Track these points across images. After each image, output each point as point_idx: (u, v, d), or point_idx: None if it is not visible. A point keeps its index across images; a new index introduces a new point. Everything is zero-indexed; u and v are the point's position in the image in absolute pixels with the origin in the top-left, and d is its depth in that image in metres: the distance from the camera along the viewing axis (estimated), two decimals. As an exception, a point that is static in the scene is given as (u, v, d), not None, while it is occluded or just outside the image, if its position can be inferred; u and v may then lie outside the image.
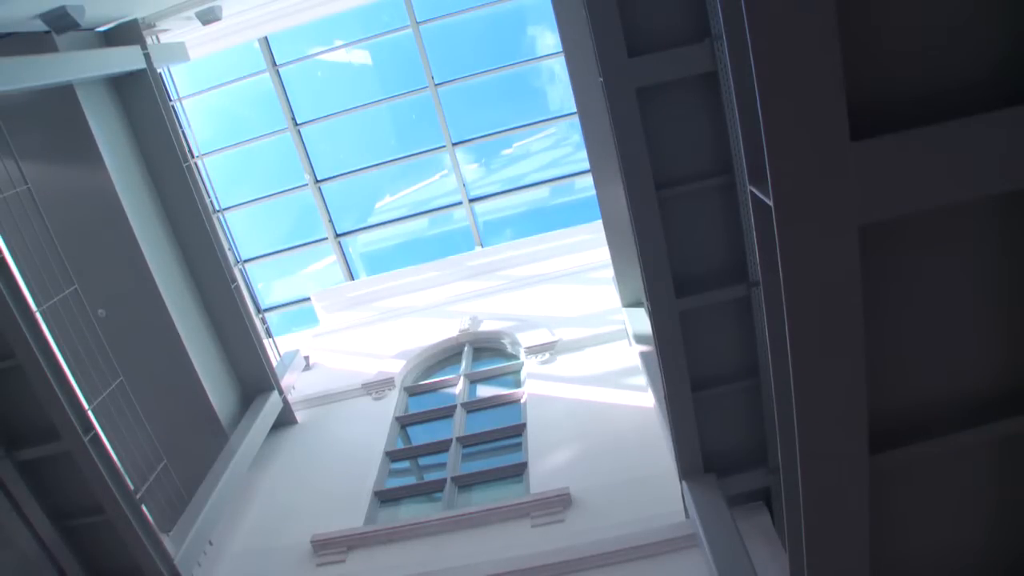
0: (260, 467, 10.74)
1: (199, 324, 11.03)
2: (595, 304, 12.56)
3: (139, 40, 10.38)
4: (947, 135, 2.90)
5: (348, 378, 12.68)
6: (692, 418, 6.86)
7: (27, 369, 7.48)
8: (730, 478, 7.06)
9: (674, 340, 6.65)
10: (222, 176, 16.22)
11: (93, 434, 7.69)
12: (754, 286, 6.35)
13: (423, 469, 10.34)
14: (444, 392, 11.99)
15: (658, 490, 7.71)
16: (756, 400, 6.84)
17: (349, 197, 16.87)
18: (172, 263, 10.74)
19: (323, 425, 11.82)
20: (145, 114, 10.48)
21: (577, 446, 9.21)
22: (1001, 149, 2.96)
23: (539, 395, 10.65)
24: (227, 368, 11.47)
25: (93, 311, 9.12)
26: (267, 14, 13.47)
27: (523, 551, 7.49)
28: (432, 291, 15.33)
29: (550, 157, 17.72)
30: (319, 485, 10.02)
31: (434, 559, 7.89)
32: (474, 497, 9.17)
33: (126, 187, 10.02)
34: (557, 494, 8.23)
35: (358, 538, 8.52)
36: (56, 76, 8.73)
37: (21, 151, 8.72)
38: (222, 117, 17.41)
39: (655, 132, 6.12)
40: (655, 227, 6.32)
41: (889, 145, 2.90)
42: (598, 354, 11.23)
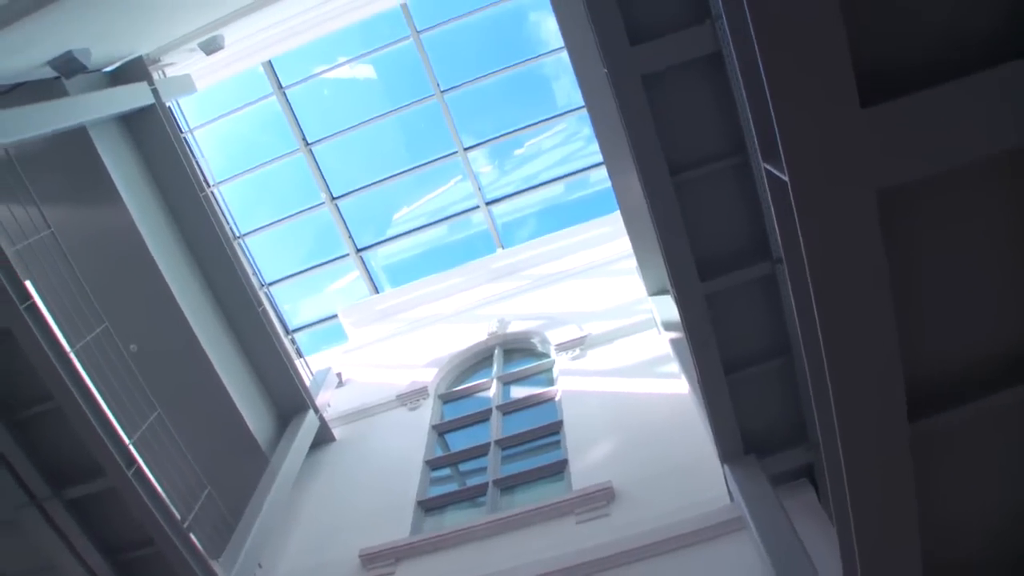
0: (303, 487, 10.80)
1: (230, 350, 11.12)
2: (621, 295, 12.52)
3: (146, 76, 10.49)
4: (956, 94, 2.87)
5: (382, 391, 12.72)
6: (728, 401, 6.82)
7: (66, 410, 7.58)
8: (771, 458, 7.00)
9: (702, 324, 6.61)
10: (239, 202, 16.35)
11: (136, 468, 7.78)
12: (778, 263, 6.30)
13: (464, 475, 10.35)
14: (478, 396, 12.00)
15: (700, 476, 7.67)
16: (791, 377, 6.79)
17: (366, 211, 16.97)
18: (198, 292, 10.84)
19: (361, 440, 11.87)
20: (158, 148, 10.59)
21: (616, 439, 9.19)
22: (1012, 103, 2.92)
23: (573, 391, 10.62)
24: (261, 391, 11.56)
25: (125, 347, 9.22)
26: (269, 38, 13.55)
27: (570, 548, 7.47)
28: (457, 297, 15.35)
29: (562, 153, 17.73)
30: (362, 499, 10.06)
31: (482, 564, 7.89)
32: (517, 498, 9.18)
33: (146, 222, 10.13)
34: (600, 489, 8.21)
35: (405, 549, 8.55)
36: (68, 120, 8.85)
37: (41, 196, 8.85)
38: (234, 144, 17.56)
39: (664, 118, 6.09)
40: (673, 213, 6.29)
41: (900, 109, 2.87)
42: (628, 345, 11.19)
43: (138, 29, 9.56)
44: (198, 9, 9.83)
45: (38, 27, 7.07)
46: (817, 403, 3.79)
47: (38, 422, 7.84)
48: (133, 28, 9.36)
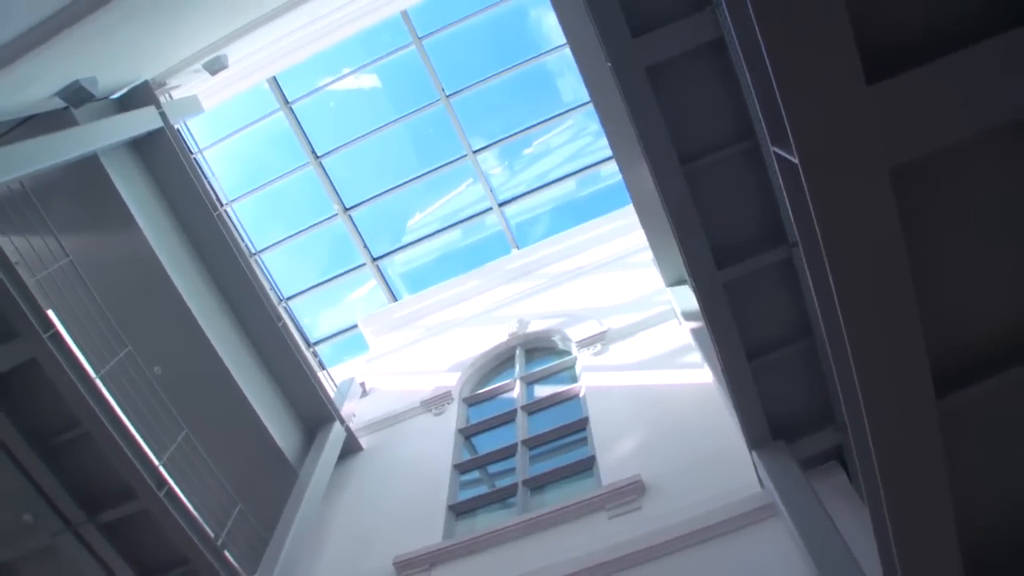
0: (333, 498, 10.85)
1: (252, 366, 11.18)
2: (639, 288, 12.49)
3: (152, 100, 10.57)
4: (961, 65, 2.84)
5: (406, 398, 12.75)
6: (752, 387, 6.79)
7: (95, 435, 7.67)
8: (800, 442, 6.97)
9: (722, 312, 6.58)
10: (253, 219, 16.44)
11: (167, 489, 7.85)
12: (794, 247, 6.27)
13: (493, 477, 10.36)
14: (502, 398, 12.00)
15: (729, 464, 7.64)
16: (814, 359, 6.75)
17: (380, 220, 17.01)
18: (217, 311, 10.90)
19: (388, 448, 11.90)
20: (169, 171, 10.67)
21: (642, 432, 9.17)
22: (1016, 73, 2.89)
23: (597, 387, 10.60)
24: (286, 405, 11.61)
25: (149, 369, 9.31)
26: (272, 54, 13.61)
27: (603, 544, 7.45)
28: (476, 300, 15.37)
29: (572, 149, 17.69)
30: (393, 507, 10.09)
31: (516, 564, 7.89)
32: (547, 498, 9.17)
33: (162, 245, 10.20)
34: (629, 483, 8.19)
35: (439, 554, 8.56)
36: (79, 149, 8.92)
37: (58, 225, 8.96)
38: (244, 161, 17.65)
39: (671, 108, 6.07)
40: (686, 203, 6.27)
41: (906, 84, 2.84)
42: (649, 338, 11.16)
43: (142, 54, 9.63)
44: (200, 30, 9.89)
45: (44, 60, 7.15)
46: (842, 384, 3.77)
47: (68, 448, 7.93)
48: (137, 53, 9.44)
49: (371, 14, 13.83)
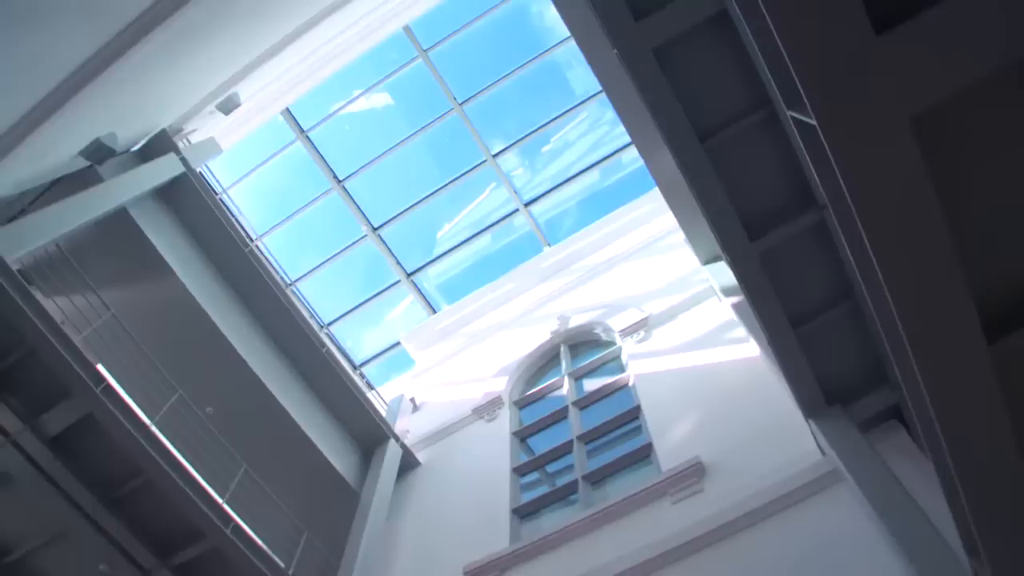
0: (397, 515, 10.90)
1: (302, 395, 11.29)
2: (675, 270, 12.41)
3: (172, 147, 10.74)
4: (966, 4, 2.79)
5: (457, 408, 12.78)
6: (800, 355, 6.70)
7: (158, 481, 7.81)
8: (856, 405, 6.86)
9: (761, 284, 6.51)
10: (284, 250, 16.61)
11: (234, 525, 7.96)
12: (824, 208, 6.18)
13: (552, 476, 10.34)
14: (552, 397, 11.98)
15: (787, 435, 7.54)
16: (860, 319, 6.63)
17: (409, 235, 17.11)
18: (261, 345, 11.03)
19: (446, 459, 11.95)
20: (197, 214, 10.83)
21: (696, 413, 9.10)
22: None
23: (645, 374, 10.55)
24: (340, 430, 11.71)
25: (201, 410, 9.45)
26: (282, 86, 13.75)
27: (670, 530, 7.40)
28: (514, 302, 15.36)
29: (590, 140, 17.65)
30: (457, 517, 10.11)
31: (585, 560, 7.85)
32: (609, 490, 9.13)
33: (199, 287, 10.35)
34: (689, 466, 8.12)
35: (508, 558, 8.57)
36: (107, 204, 9.10)
37: (97, 281, 9.14)
38: (268, 194, 17.86)
39: (684, 86, 6.01)
40: (710, 180, 6.21)
41: (915, 29, 2.78)
42: (691, 318, 11.07)
43: (156, 103, 9.79)
44: (209, 72, 10.03)
45: (64, 123, 7.30)
46: (890, 342, 3.71)
47: (134, 497, 8.08)
48: (151, 104, 9.60)
49: (374, 33, 13.91)
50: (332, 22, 11.26)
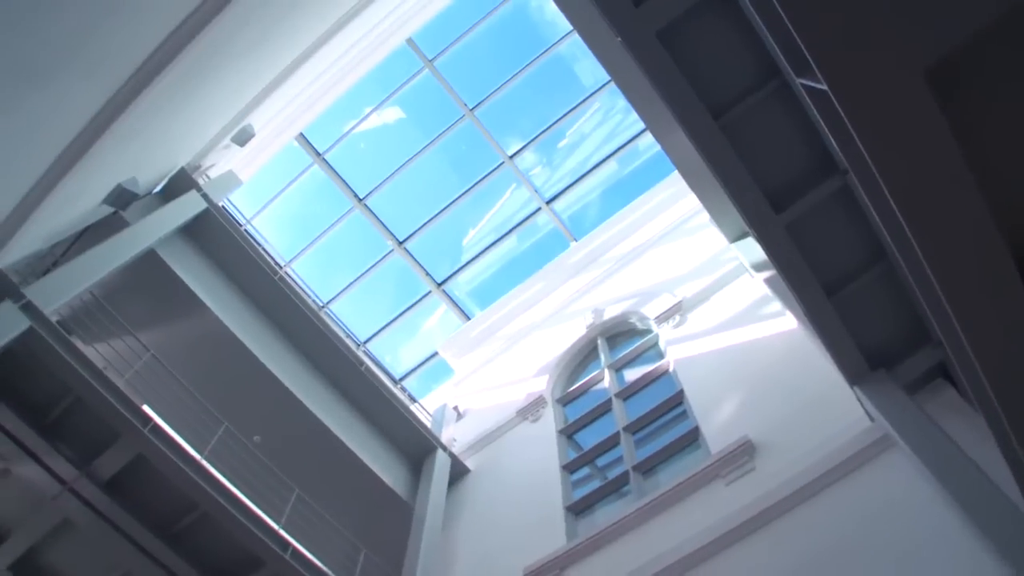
0: (452, 524, 10.93)
1: (346, 415, 11.37)
2: (704, 251, 12.32)
3: (192, 185, 10.87)
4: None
5: (501, 412, 12.79)
6: (839, 323, 6.62)
7: (213, 513, 7.91)
8: (900, 367, 6.75)
9: (791, 256, 6.44)
10: (313, 273, 16.75)
11: (292, 550, 8.04)
12: (846, 173, 6.11)
13: (603, 470, 10.31)
14: (594, 390, 11.96)
15: (834, 405, 7.45)
16: (894, 281, 6.53)
17: (435, 245, 17.13)
18: (301, 369, 11.11)
19: (494, 464, 11.96)
20: (224, 248, 10.94)
21: (740, 392, 9.03)
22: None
23: (685, 358, 10.49)
24: (387, 445, 11.77)
25: (249, 440, 9.55)
26: (294, 112, 13.86)
27: (726, 512, 7.35)
28: (547, 300, 15.34)
29: (605, 131, 17.55)
30: (512, 520, 10.12)
31: (644, 550, 7.81)
32: (661, 478, 9.09)
33: (234, 319, 10.46)
34: (739, 445, 8.05)
35: (566, 556, 8.55)
36: (136, 248, 9.23)
37: (134, 324, 9.28)
38: (292, 220, 18.00)
39: (691, 66, 5.97)
40: (728, 157, 6.16)
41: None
42: (725, 298, 10.99)
43: (172, 144, 9.92)
44: (220, 107, 10.14)
45: (84, 173, 7.43)
46: (927, 301, 3.66)
47: (192, 531, 8.20)
48: (167, 144, 9.73)
49: (378, 50, 13.98)
50: (334, 45, 11.34)
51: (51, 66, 5.44)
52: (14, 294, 7.53)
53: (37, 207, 7.19)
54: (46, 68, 5.41)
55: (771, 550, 6.76)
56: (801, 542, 6.59)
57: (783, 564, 6.52)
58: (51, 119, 6.25)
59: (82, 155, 6.98)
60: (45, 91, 5.69)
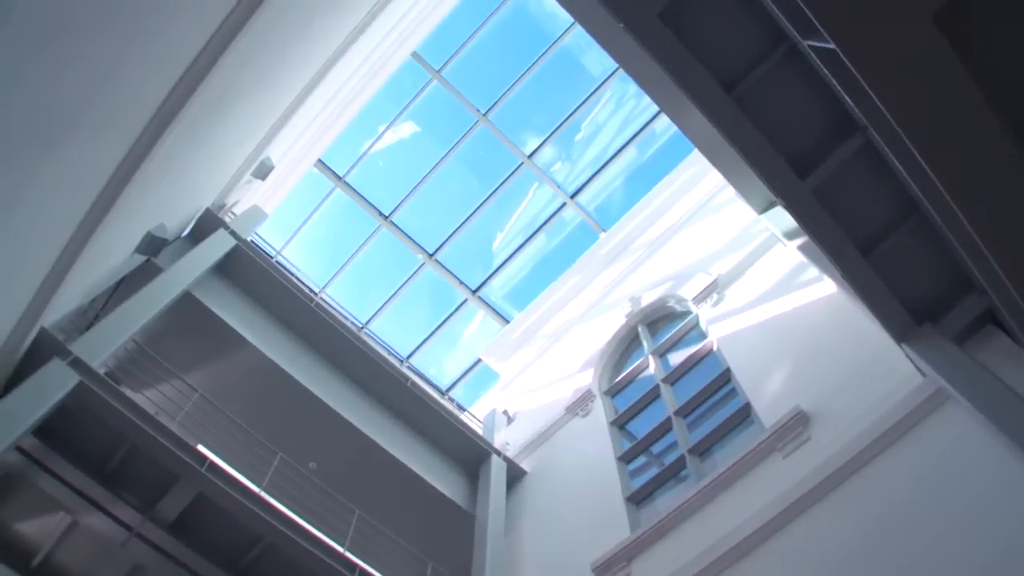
0: (514, 527, 10.94)
1: (397, 431, 11.42)
2: (733, 226, 12.22)
3: (219, 224, 11.00)
4: None
5: (550, 410, 12.79)
6: (878, 281, 6.53)
7: (278, 543, 7.99)
8: (946, 318, 6.63)
9: (821, 219, 6.38)
10: (348, 295, 16.83)
11: (359, 571, 8.10)
12: (866, 130, 6.02)
13: (658, 456, 10.26)
14: (641, 378, 11.90)
15: (883, 365, 7.34)
16: (930, 232, 6.42)
17: (466, 253, 17.16)
18: (347, 392, 11.19)
19: (550, 463, 11.96)
20: (257, 281, 11.06)
21: (787, 363, 8.94)
22: None
23: (727, 335, 10.40)
24: (441, 456, 11.80)
25: (304, 467, 9.64)
26: (309, 140, 13.99)
27: (786, 485, 7.27)
28: (583, 295, 15.30)
29: (620, 118, 17.46)
30: (573, 516, 10.11)
31: (710, 532, 7.76)
32: (717, 458, 9.02)
33: (276, 350, 10.56)
34: (792, 416, 7.97)
35: (632, 546, 8.52)
36: (172, 292, 9.35)
37: (179, 367, 9.41)
38: (321, 245, 18.14)
39: (696, 43, 5.93)
40: (746, 129, 6.12)
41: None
42: (760, 270, 10.88)
43: (194, 186, 10.05)
44: (237, 144, 10.25)
45: (113, 226, 7.55)
46: (966, 250, 3.61)
47: (259, 563, 8.29)
48: (190, 188, 9.85)
49: (385, 67, 14.07)
50: (340, 68, 11.42)
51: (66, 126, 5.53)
52: (61, 351, 7.69)
53: (72, 265, 7.32)
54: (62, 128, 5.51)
55: (836, 519, 6.68)
56: (865, 507, 6.50)
57: (850, 532, 6.44)
58: (74, 178, 6.36)
59: (109, 208, 7.10)
60: (64, 151, 5.80)
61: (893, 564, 5.90)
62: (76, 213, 7.00)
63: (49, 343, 7.73)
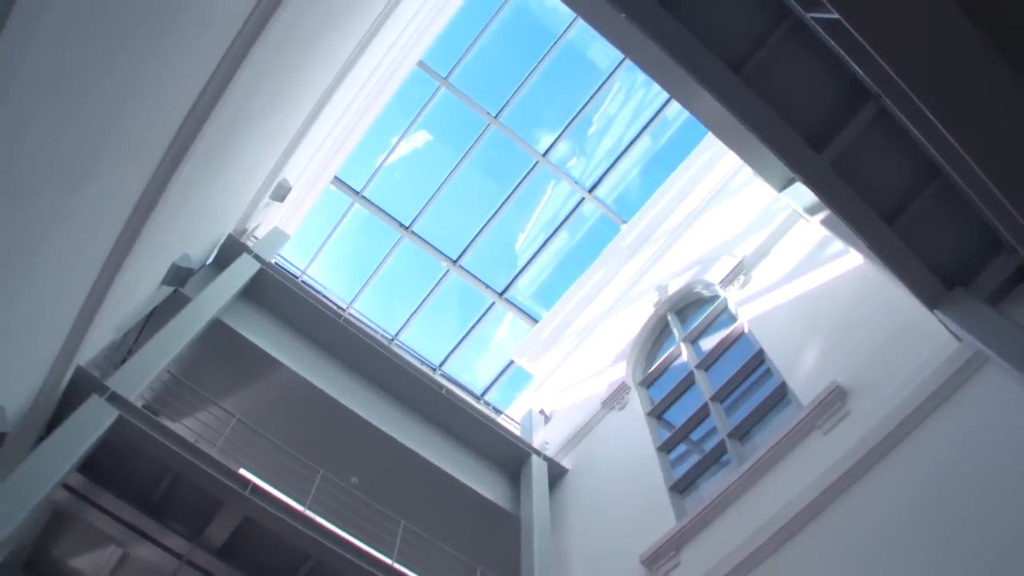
0: (560, 525, 10.93)
1: (436, 439, 11.44)
2: (754, 206, 12.14)
3: (242, 248, 11.09)
4: None
5: (586, 406, 12.77)
6: (904, 249, 6.45)
7: (327, 560, 8.06)
8: (977, 280, 6.53)
9: (841, 191, 6.32)
10: (376, 308, 16.89)
11: (409, 581, 8.13)
12: (878, 97, 5.96)
13: (698, 443, 10.20)
14: (674, 367, 11.84)
15: (917, 333, 7.25)
16: (953, 195, 6.33)
17: (489, 256, 17.16)
18: (383, 404, 11.22)
19: (590, 458, 11.94)
20: (285, 302, 11.13)
21: (820, 338, 8.85)
22: None
23: (757, 316, 10.32)
24: (481, 461, 11.81)
25: (346, 482, 9.69)
26: (324, 158, 14.06)
27: (829, 461, 7.20)
28: (609, 288, 15.27)
29: (631, 108, 17.41)
30: (617, 510, 10.08)
31: (754, 515, 7.70)
32: (757, 440, 8.95)
33: (308, 368, 10.63)
34: (829, 392, 7.89)
35: (680, 536, 8.48)
36: (202, 321, 9.44)
37: (215, 393, 9.50)
38: (345, 261, 18.22)
39: (700, 26, 5.92)
40: (758, 108, 6.08)
41: None
42: (785, 247, 10.79)
43: (214, 215, 10.13)
44: (253, 167, 10.33)
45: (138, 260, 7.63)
46: (991, 209, 3.56)
47: (310, 582, 8.33)
48: (209, 216, 9.94)
49: (391, 79, 14.13)
50: (348, 84, 11.47)
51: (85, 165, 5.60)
52: (98, 388, 7.79)
53: (102, 302, 7.41)
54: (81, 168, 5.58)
55: (882, 492, 6.60)
56: (911, 477, 6.42)
57: (897, 504, 6.36)
58: (97, 215, 6.44)
59: (133, 243, 7.18)
60: (85, 190, 5.87)
61: (943, 531, 5.82)
62: (101, 250, 7.09)
63: (86, 380, 7.84)
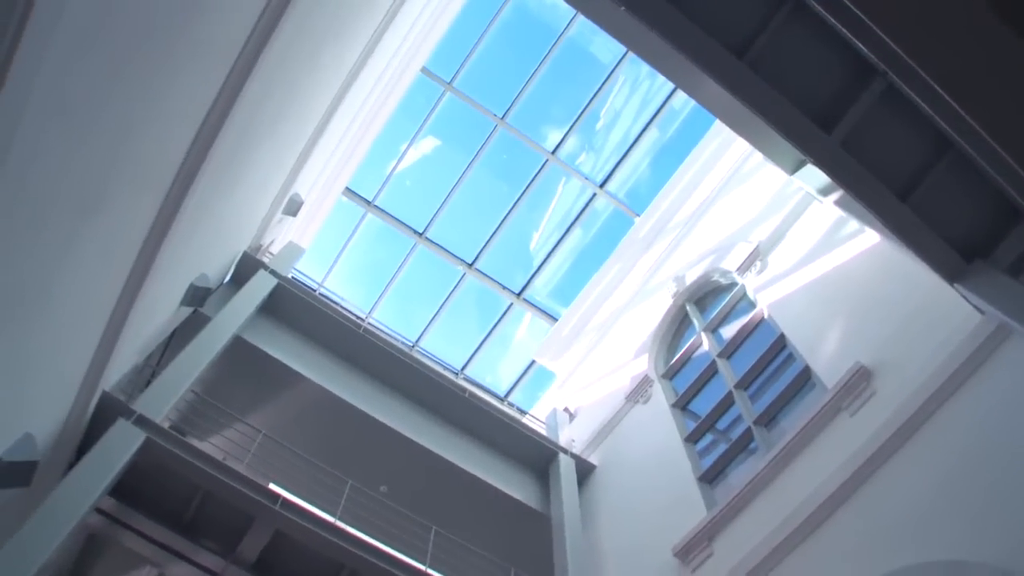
0: (591, 521, 10.92)
1: (462, 443, 11.46)
2: (766, 191, 12.08)
3: (258, 265, 11.15)
4: None
5: (610, 402, 12.75)
6: (920, 224, 6.40)
7: (360, 570, 8.08)
8: (996, 252, 6.45)
9: (853, 171, 6.28)
10: (394, 315, 16.93)
11: (442, 587, 8.15)
12: (884, 74, 5.91)
13: (724, 432, 10.16)
14: (696, 357, 11.81)
15: (939, 308, 7.18)
16: (967, 167, 6.26)
17: (504, 257, 17.17)
18: (407, 411, 11.25)
19: (617, 454, 11.92)
20: (304, 316, 11.19)
21: (841, 320, 8.80)
22: None
23: (777, 301, 10.27)
24: (509, 462, 11.82)
25: (375, 491, 9.72)
26: (334, 170, 14.12)
27: (857, 443, 7.15)
28: (626, 282, 15.25)
29: (637, 100, 17.36)
30: (647, 503, 10.06)
31: (786, 500, 7.65)
32: (784, 426, 8.90)
33: (331, 380, 10.67)
34: (853, 373, 7.84)
35: (711, 526, 8.45)
36: (223, 339, 9.50)
37: (239, 409, 9.57)
38: (361, 271, 18.29)
39: (700, 12, 5.90)
40: (763, 92, 6.05)
41: None
42: (800, 231, 10.73)
43: (228, 233, 10.19)
44: (263, 183, 10.38)
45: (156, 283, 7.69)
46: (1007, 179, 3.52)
47: (345, 592, 8.35)
48: (223, 235, 9.99)
49: (396, 87, 14.16)
50: (353, 95, 11.50)
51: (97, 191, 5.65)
52: (125, 411, 7.85)
53: (123, 326, 7.47)
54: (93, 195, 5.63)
55: (912, 470, 6.55)
56: (941, 454, 6.37)
57: (928, 482, 6.31)
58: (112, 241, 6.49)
59: (150, 267, 7.23)
60: (99, 217, 5.92)
61: (975, 507, 5.76)
62: (119, 275, 7.14)
63: (112, 405, 7.90)
